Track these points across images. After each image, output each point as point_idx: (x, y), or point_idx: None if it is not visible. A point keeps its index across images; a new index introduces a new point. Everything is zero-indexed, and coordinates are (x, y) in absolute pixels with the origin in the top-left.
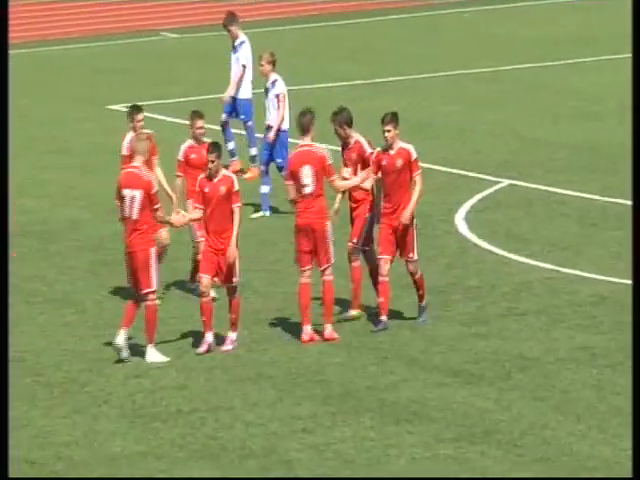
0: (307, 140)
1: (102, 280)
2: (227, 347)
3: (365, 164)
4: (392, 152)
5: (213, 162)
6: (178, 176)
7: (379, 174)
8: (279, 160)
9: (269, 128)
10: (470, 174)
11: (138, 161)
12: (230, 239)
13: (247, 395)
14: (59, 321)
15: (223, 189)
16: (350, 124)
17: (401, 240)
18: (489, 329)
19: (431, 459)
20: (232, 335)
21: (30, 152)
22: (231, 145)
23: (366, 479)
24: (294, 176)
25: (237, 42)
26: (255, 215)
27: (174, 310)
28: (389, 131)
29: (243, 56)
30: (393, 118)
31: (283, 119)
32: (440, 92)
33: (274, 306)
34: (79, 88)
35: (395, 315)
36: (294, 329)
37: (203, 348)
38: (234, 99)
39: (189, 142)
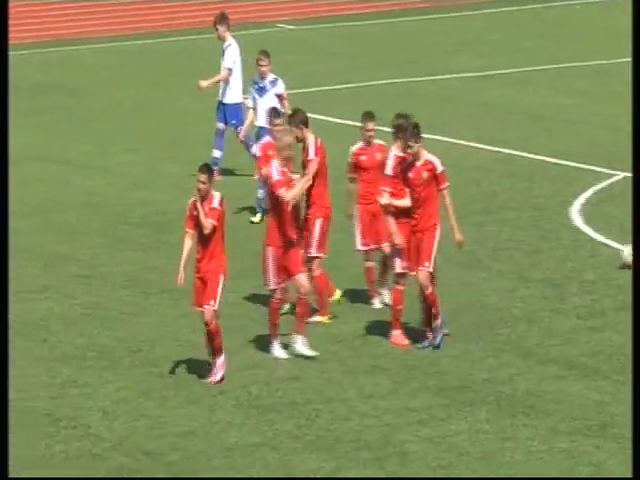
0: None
1: None
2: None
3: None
4: (419, 164)
5: (204, 184)
6: (349, 179)
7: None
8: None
9: (264, 129)
10: (584, 166)
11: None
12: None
13: (362, 387)
14: (175, 312)
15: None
16: (306, 124)
17: (419, 248)
18: (605, 322)
19: (547, 452)
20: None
21: (150, 144)
22: (217, 154)
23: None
24: None
25: (224, 45)
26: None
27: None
28: (411, 147)
29: (229, 59)
30: (414, 132)
31: None
32: (551, 84)
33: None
34: (188, 81)
35: (511, 308)
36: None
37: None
38: (222, 104)
39: (359, 144)
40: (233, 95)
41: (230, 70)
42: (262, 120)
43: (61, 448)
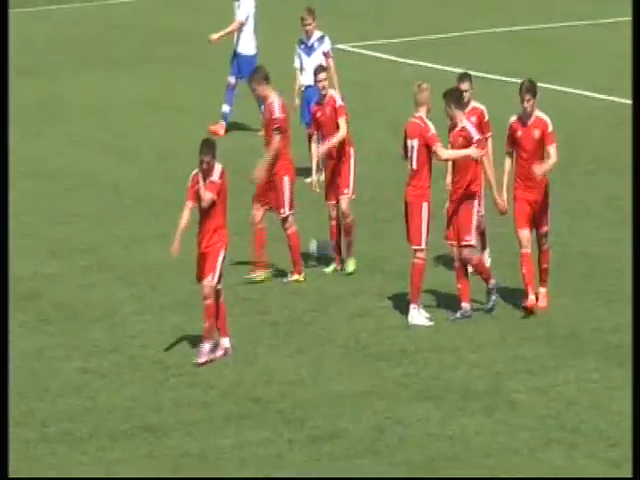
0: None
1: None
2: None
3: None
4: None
5: (209, 163)
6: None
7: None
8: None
9: (312, 87)
10: None
11: (421, 112)
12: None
13: (471, 336)
14: (285, 260)
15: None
16: (267, 81)
17: (458, 221)
18: None
19: None
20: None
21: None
22: (226, 108)
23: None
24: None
25: None
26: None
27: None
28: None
29: (243, 11)
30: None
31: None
32: None
33: (496, 248)
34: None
35: (620, 257)
36: (517, 274)
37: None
38: (236, 55)
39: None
40: (248, 46)
41: (242, 23)
42: (310, 79)
43: (171, 395)
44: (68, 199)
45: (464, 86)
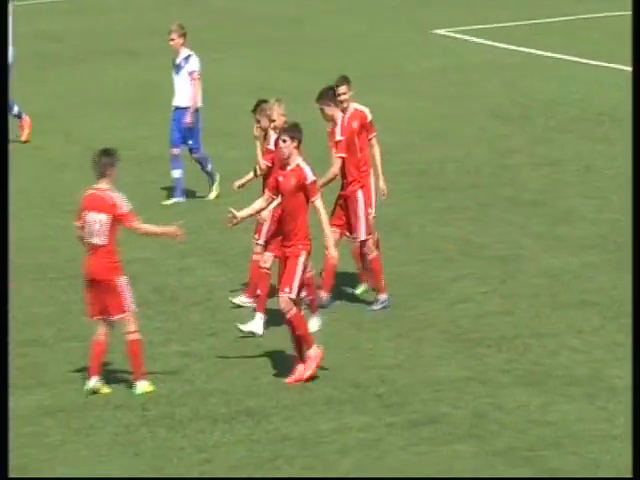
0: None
1: (427, 204)
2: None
3: None
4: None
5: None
6: None
7: None
8: (191, 142)
9: (180, 109)
10: None
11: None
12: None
13: (572, 321)
14: (384, 245)
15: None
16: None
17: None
18: None
19: None
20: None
21: (358, 75)
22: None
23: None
24: None
25: None
26: (169, 202)
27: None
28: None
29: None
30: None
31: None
32: None
33: (599, 233)
34: (407, 13)
35: None
36: (615, 257)
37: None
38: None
39: None
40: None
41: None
42: (177, 99)
43: (270, 379)
44: (169, 184)
45: (342, 89)
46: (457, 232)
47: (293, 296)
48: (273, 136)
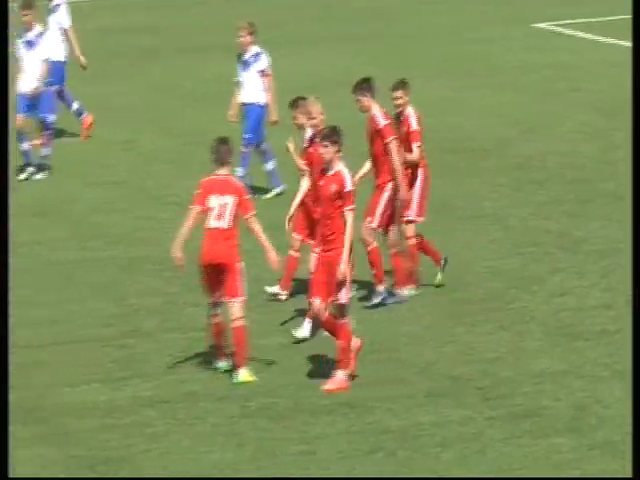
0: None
1: (527, 197)
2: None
3: None
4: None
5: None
6: None
7: None
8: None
9: (248, 105)
10: None
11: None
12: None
13: None
14: (484, 238)
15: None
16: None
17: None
18: None
19: None
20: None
21: (453, 70)
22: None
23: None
24: None
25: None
26: (269, 195)
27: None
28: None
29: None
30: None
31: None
32: None
33: None
34: (504, 6)
35: None
36: None
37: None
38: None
39: None
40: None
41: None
42: (246, 95)
43: (370, 372)
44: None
45: (397, 94)
46: (557, 226)
47: (344, 301)
48: (308, 133)
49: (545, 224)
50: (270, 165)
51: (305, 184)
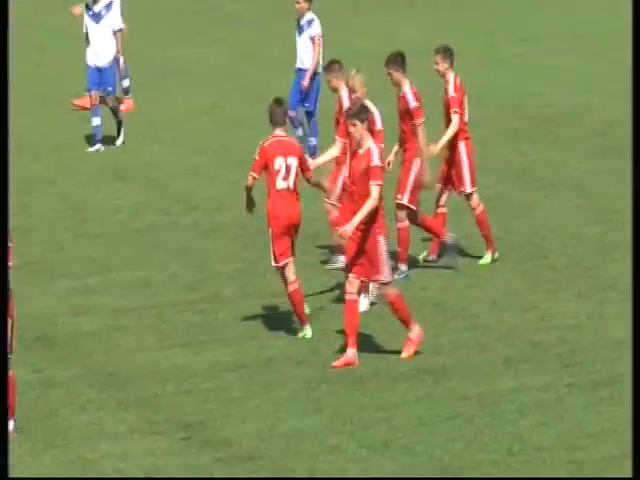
0: None
1: (608, 164)
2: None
3: None
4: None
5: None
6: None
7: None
8: (307, 104)
9: (300, 71)
10: None
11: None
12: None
13: None
14: (566, 205)
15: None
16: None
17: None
18: None
19: None
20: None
21: (541, 38)
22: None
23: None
24: None
25: None
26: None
27: None
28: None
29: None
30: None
31: (318, 62)
32: None
33: None
34: None
35: None
36: None
37: None
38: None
39: None
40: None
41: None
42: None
43: (450, 338)
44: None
45: (437, 58)
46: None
47: (388, 279)
48: (344, 97)
49: (626, 192)
50: (300, 131)
51: (334, 152)
